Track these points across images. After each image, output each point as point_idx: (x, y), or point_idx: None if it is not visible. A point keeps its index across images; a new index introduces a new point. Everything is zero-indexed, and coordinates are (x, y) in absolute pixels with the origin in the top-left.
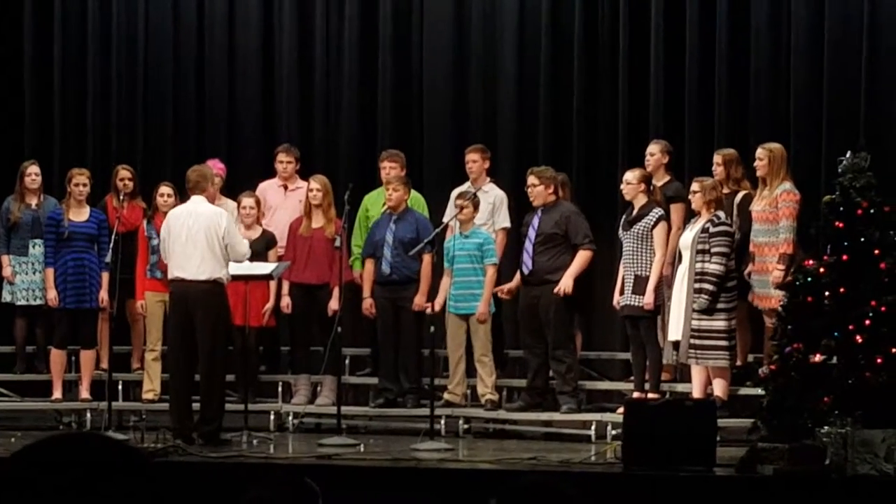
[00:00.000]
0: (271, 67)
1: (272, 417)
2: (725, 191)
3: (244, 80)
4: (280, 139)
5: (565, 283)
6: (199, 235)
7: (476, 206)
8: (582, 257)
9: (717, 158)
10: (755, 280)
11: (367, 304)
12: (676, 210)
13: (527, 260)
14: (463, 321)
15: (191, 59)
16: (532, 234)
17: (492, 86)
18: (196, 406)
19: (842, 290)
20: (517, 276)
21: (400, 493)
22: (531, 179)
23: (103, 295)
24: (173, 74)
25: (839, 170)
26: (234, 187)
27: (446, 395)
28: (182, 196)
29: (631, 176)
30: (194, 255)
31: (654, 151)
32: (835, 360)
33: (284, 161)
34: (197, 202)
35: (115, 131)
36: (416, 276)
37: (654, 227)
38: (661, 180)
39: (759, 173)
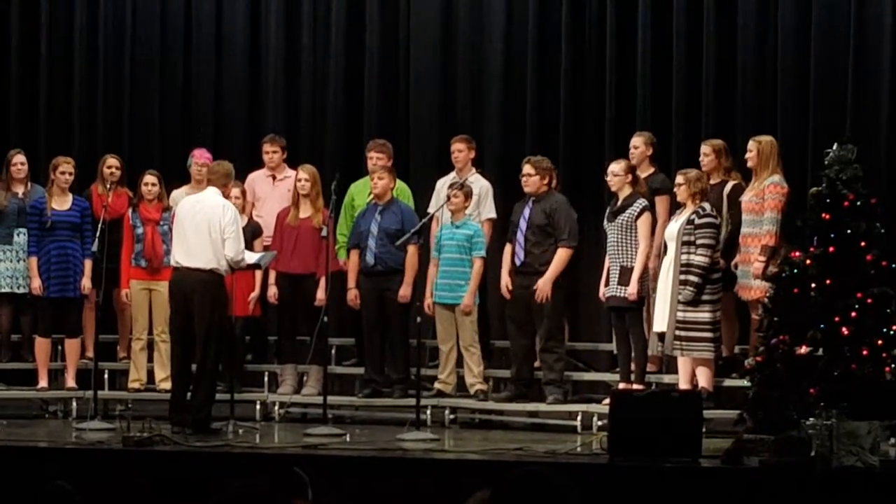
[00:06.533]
0: (258, 57)
1: (258, 407)
2: (715, 180)
3: (231, 69)
4: (266, 129)
5: (543, 289)
6: (202, 223)
7: (468, 196)
8: (559, 257)
9: (705, 149)
10: (739, 271)
11: (352, 294)
12: (662, 202)
13: (519, 251)
14: (449, 311)
15: (178, 49)
16: (523, 224)
17: (478, 76)
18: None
19: (828, 281)
20: (505, 269)
21: (386, 482)
22: (527, 168)
23: (85, 283)
24: (160, 64)
25: (826, 162)
26: None
27: (438, 385)
28: (168, 185)
29: (617, 167)
30: (197, 241)
31: (638, 144)
32: (821, 351)
33: (270, 151)
34: (210, 192)
35: (101, 120)
36: (401, 267)
37: (637, 217)
38: (645, 172)
39: (749, 164)
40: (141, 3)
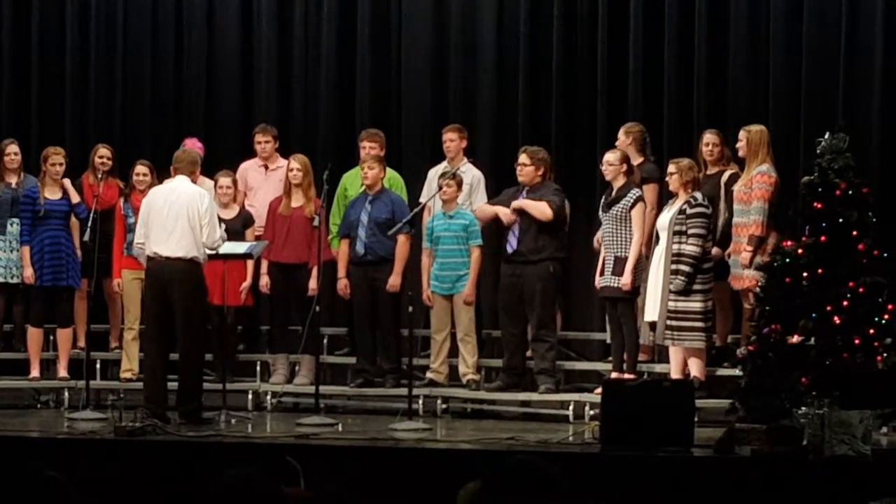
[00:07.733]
0: (250, 47)
1: (250, 397)
2: (714, 170)
3: (223, 59)
4: (258, 119)
5: (503, 210)
6: (180, 212)
7: (459, 185)
8: (540, 205)
9: (714, 138)
10: (731, 260)
11: (342, 284)
12: (650, 191)
13: (511, 239)
14: (447, 301)
15: (170, 38)
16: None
17: (470, 65)
18: (173, 385)
19: (820, 271)
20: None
21: (378, 472)
22: (523, 158)
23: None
24: (152, 53)
25: (818, 151)
26: (212, 167)
27: (430, 374)
28: (160, 175)
29: (612, 157)
30: (175, 231)
31: (620, 137)
32: (812, 341)
33: (262, 141)
34: (181, 181)
35: (92, 110)
36: (391, 256)
37: (631, 207)
38: (634, 162)
39: (739, 154)
40: None
